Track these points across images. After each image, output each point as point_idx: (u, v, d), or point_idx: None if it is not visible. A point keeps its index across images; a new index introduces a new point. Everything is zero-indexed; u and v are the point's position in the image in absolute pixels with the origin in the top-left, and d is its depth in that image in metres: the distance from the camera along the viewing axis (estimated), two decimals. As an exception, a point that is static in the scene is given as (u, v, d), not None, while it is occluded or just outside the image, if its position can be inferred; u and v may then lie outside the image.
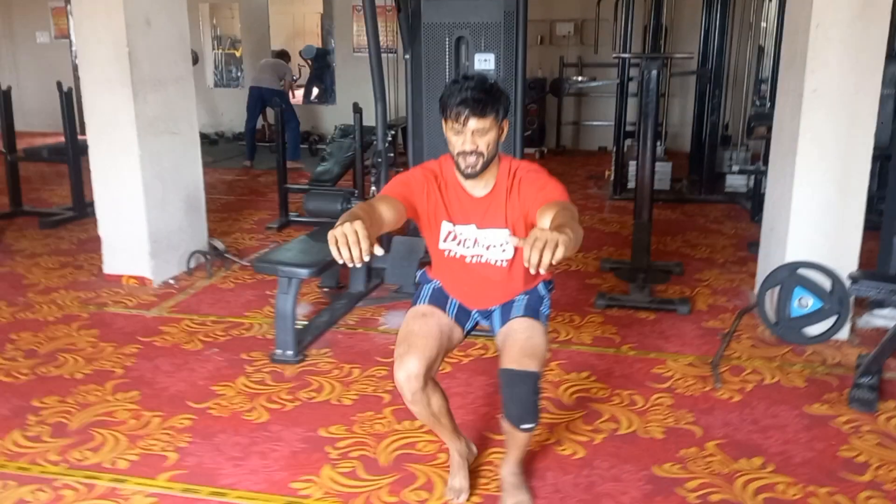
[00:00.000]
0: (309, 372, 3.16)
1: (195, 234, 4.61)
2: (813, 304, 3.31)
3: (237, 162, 8.56)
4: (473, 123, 1.95)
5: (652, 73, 4.04)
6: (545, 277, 2.25)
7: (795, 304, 3.34)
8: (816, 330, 3.34)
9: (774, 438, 2.63)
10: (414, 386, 2.00)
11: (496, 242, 2.11)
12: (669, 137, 8.69)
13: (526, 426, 2.03)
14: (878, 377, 2.90)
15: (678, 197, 6.69)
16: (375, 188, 4.06)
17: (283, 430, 2.68)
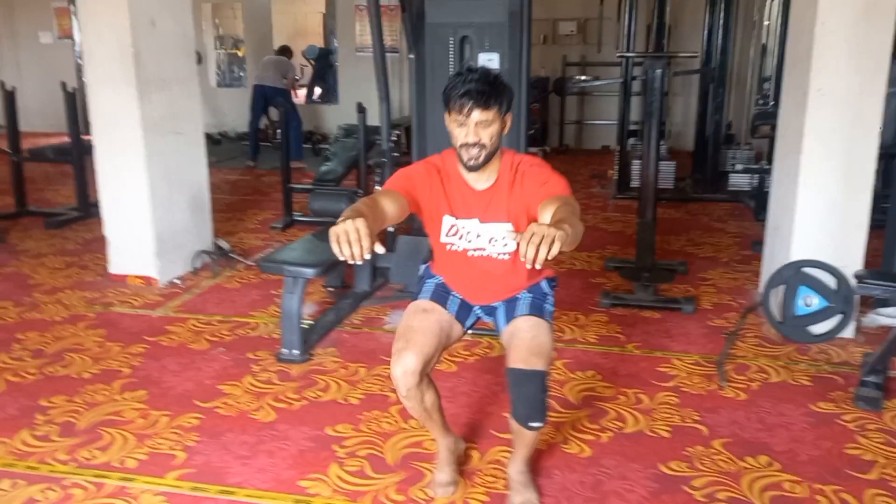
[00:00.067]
0: (315, 371, 3.17)
1: (200, 233, 4.62)
2: (818, 302, 3.32)
3: (240, 162, 8.58)
4: (477, 115, 1.94)
5: (656, 72, 4.04)
6: (548, 273, 2.25)
7: (800, 302, 3.35)
8: (822, 328, 3.35)
9: (780, 436, 2.63)
10: (410, 382, 2.01)
11: (498, 236, 2.10)
12: (673, 136, 8.70)
13: (534, 425, 2.04)
14: (883, 375, 2.91)
15: (682, 196, 6.69)
16: (380, 188, 4.07)
17: (290, 428, 2.69)
